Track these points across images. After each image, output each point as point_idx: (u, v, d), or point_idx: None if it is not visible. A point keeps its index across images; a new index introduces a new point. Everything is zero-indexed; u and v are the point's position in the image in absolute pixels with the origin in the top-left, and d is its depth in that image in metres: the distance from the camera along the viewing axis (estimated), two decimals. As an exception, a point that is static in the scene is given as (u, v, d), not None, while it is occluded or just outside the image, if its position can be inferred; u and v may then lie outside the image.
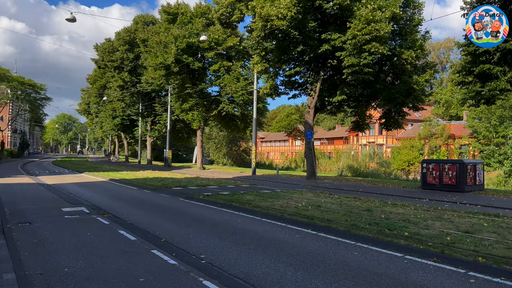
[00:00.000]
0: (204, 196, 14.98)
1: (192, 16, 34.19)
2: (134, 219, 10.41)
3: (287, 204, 12.70)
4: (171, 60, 31.36)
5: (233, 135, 47.22)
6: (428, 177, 17.99)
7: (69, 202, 13.49)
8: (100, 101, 58.34)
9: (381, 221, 9.60)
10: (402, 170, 53.40)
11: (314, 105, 23.69)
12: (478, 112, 49.16)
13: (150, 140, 50.07)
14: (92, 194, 16.37)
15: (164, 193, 16.95)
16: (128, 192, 17.52)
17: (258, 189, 18.32)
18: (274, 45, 22.15)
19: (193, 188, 18.68)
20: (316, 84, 22.92)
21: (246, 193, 16.26)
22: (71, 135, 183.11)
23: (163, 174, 29.27)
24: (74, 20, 21.92)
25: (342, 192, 17.48)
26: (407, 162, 55.46)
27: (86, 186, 20.29)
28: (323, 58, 22.36)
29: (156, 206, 13.12)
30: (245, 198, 14.19)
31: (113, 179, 24.26)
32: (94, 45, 50.33)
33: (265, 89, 25.15)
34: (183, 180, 22.66)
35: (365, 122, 26.42)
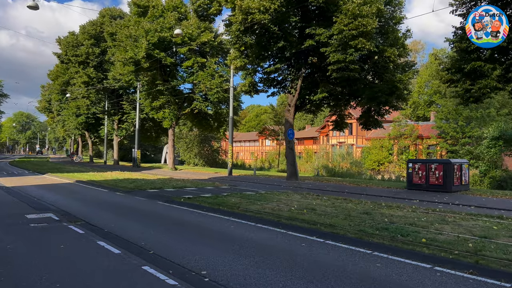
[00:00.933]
0: (185, 199, 13.82)
1: (163, 9, 32.62)
2: (112, 227, 9.16)
3: (278, 207, 11.78)
4: (142, 55, 29.73)
5: (205, 135, 45.89)
6: (414, 177, 17.60)
7: (33, 208, 11.98)
8: (62, 98, 55.27)
9: (387, 225, 8.87)
10: (373, 170, 53.93)
11: (295, 103, 22.93)
12: (445, 113, 50.27)
13: (117, 139, 47.83)
14: (59, 198, 14.81)
15: (139, 195, 15.62)
16: (99, 195, 16.05)
17: (240, 191, 17.31)
18: (254, 40, 21.21)
19: (170, 190, 17.42)
20: (297, 81, 22.18)
21: (230, 195, 15.21)
22: (30, 134, 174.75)
23: (133, 175, 27.65)
24: (36, 8, 20.06)
25: (328, 193, 16.78)
26: (377, 162, 56.07)
27: (51, 188, 18.56)
28: (304, 54, 21.64)
29: (134, 211, 11.85)
30: (231, 201, 13.16)
31: (80, 180, 22.52)
32: (56, 38, 47.58)
33: (243, 86, 24.17)
34: (157, 182, 21.30)
35: (344, 121, 25.97)
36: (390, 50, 19.40)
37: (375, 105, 20.94)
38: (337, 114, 26.03)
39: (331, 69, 18.24)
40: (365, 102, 21.14)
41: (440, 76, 18.50)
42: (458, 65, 14.55)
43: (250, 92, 24.46)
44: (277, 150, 78.90)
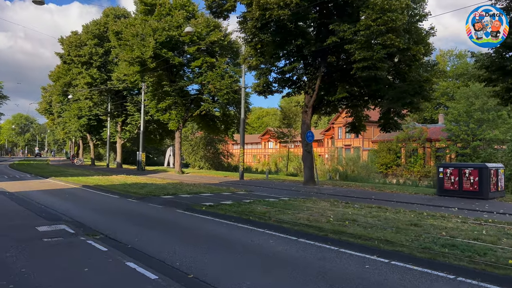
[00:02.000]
0: (207, 208, 12.70)
1: (171, 7, 31.58)
2: (135, 242, 8.05)
3: (313, 217, 10.67)
4: (150, 54, 28.63)
5: (210, 137, 44.78)
6: (445, 183, 16.51)
7: (42, 217, 10.85)
8: (64, 100, 54.12)
9: (450, 241, 7.77)
10: (380, 173, 52.75)
11: (312, 104, 21.85)
12: (455, 115, 49.18)
13: (120, 142, 46.64)
14: (68, 205, 13.67)
15: (154, 202, 14.50)
16: (111, 202, 14.91)
17: (260, 197, 16.20)
18: (271, 38, 20.14)
19: (185, 196, 16.31)
20: (315, 81, 21.10)
21: (253, 202, 14.10)
22: (29, 136, 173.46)
23: (140, 179, 26.52)
24: (42, 3, 18.99)
25: (355, 200, 15.69)
26: (385, 165, 54.92)
27: (57, 194, 17.41)
28: (323, 52, 20.57)
29: (154, 222, 10.72)
30: (257, 210, 12.04)
31: (87, 185, 21.37)
32: (59, 38, 46.44)
33: (257, 86, 23.06)
34: (168, 187, 20.19)
35: (361, 123, 24.88)
36: (415, 48, 18.33)
37: (399, 106, 19.86)
38: (354, 116, 24.95)
39: (356, 67, 17.15)
40: (388, 103, 20.07)
41: (478, 75, 17.46)
42: (499, 63, 13.54)
43: (264, 93, 23.37)
44: (280, 153, 77.84)
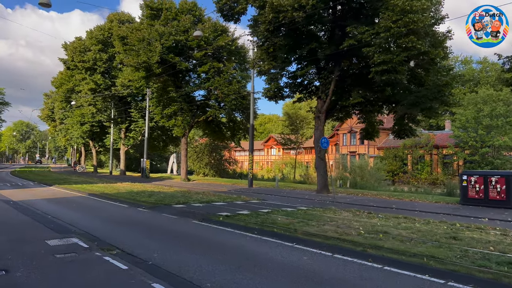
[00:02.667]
0: (224, 218, 11.97)
1: (177, 12, 31.07)
2: (156, 258, 7.33)
3: (341, 229, 9.94)
4: (156, 59, 28.04)
5: (215, 144, 44.11)
6: (469, 191, 15.78)
7: (51, 229, 10.13)
8: (66, 106, 53.52)
9: (502, 257, 7.05)
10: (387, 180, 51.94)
11: (326, 109, 21.19)
12: (463, 121, 48.46)
13: (123, 149, 45.94)
14: (77, 215, 12.95)
15: (167, 212, 13.77)
16: (121, 212, 14.18)
17: (276, 206, 15.48)
18: (284, 41, 19.54)
19: (197, 205, 15.59)
20: (329, 85, 20.45)
21: (271, 212, 13.37)
22: (29, 143, 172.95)
23: (147, 186, 25.80)
24: (49, 5, 18.39)
25: (377, 210, 14.98)
26: (391, 173, 54.15)
27: (63, 203, 16.69)
28: (338, 56, 19.95)
29: (171, 234, 9.99)
30: (278, 221, 11.32)
31: (93, 193, 20.66)
32: (62, 43, 45.91)
33: (267, 91, 22.43)
34: (177, 195, 19.46)
35: (375, 129, 24.22)
36: (434, 51, 17.71)
37: (418, 112, 19.18)
38: (366, 122, 24.30)
39: (375, 70, 16.50)
40: (405, 108, 19.40)
41: (505, 78, 16.82)
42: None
43: (275, 98, 22.73)
44: (283, 159, 77.07)
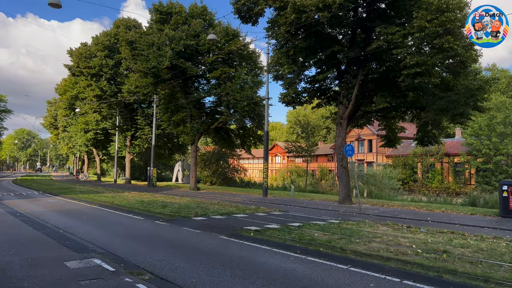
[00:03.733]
0: (255, 233, 10.88)
1: (187, 16, 30.20)
2: (194, 284, 6.25)
3: (393, 248, 8.87)
4: (166, 64, 27.08)
5: (222, 151, 43.03)
6: (511, 202, 14.68)
7: (67, 247, 9.05)
8: (70, 114, 52.55)
9: None
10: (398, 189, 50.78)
11: (348, 115, 20.16)
12: (476, 129, 47.40)
13: (129, 157, 44.84)
14: (91, 230, 11.84)
15: (188, 226, 12.67)
16: (138, 226, 13.06)
17: (303, 219, 14.39)
18: (305, 43, 18.58)
19: (218, 217, 14.51)
20: (352, 90, 19.43)
21: (302, 226, 12.28)
22: (30, 151, 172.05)
23: (156, 196, 24.70)
24: (59, 6, 17.47)
25: (412, 222, 13.90)
26: (401, 181, 53.00)
27: (74, 215, 15.57)
28: (361, 59, 18.97)
29: (202, 253, 8.86)
30: (317, 237, 10.25)
31: (103, 204, 19.57)
32: (68, 49, 45.03)
33: (285, 96, 21.43)
34: (192, 206, 18.37)
35: (396, 136, 23.18)
36: (465, 53, 16.71)
37: (449, 117, 18.11)
38: (387, 128, 23.28)
39: (407, 73, 15.46)
40: (434, 114, 18.33)
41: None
42: None
43: (293, 103, 21.75)
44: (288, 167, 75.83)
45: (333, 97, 22.66)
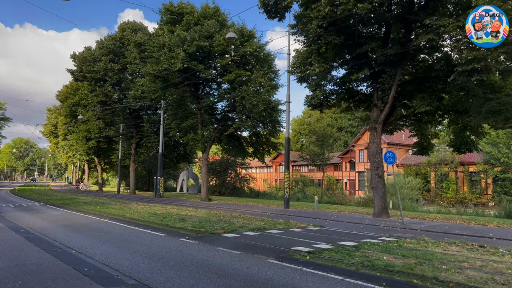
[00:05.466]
0: (311, 257, 8.98)
1: (199, 17, 28.56)
2: None
3: (497, 277, 7.02)
4: (179, 66, 25.32)
5: (231, 160, 41.17)
6: None
7: (89, 277, 7.14)
8: (71, 121, 50.68)
9: None
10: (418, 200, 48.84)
11: (384, 119, 18.38)
12: (493, 136, 45.68)
13: (133, 166, 42.86)
14: (110, 250, 9.89)
15: (220, 245, 10.75)
16: (162, 244, 11.09)
17: (351, 237, 12.51)
18: (338, 40, 16.86)
19: (250, 234, 12.63)
20: (389, 91, 17.67)
21: (360, 246, 10.38)
22: (28, 161, 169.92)
23: (168, 208, 22.75)
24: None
25: (471, 240, 12.01)
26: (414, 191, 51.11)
27: (84, 231, 13.61)
28: (400, 57, 17.25)
29: (256, 284, 6.95)
30: (390, 262, 8.37)
31: (113, 217, 17.63)
32: (71, 54, 43.26)
33: (312, 99, 19.68)
34: (213, 220, 16.44)
35: (430, 143, 21.41)
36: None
37: (501, 121, 16.30)
38: (420, 134, 21.52)
39: (462, 70, 13.70)
40: (482, 118, 16.53)
41: None
42: None
43: (320, 106, 19.97)
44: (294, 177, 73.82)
45: (362, 100, 20.91)
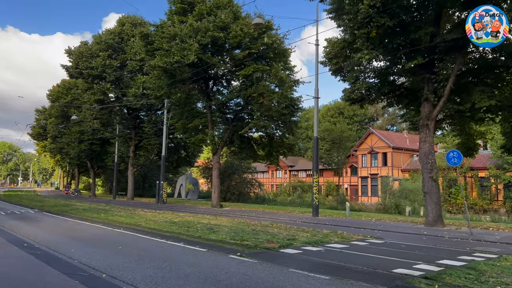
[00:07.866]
0: (428, 285, 6.62)
1: (212, 7, 26.19)
2: None
3: None
4: (193, 59, 22.86)
5: (238, 164, 38.74)
6: None
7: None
8: (63, 122, 47.58)
9: None
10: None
11: (437, 115, 16.23)
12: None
13: (132, 170, 39.96)
14: (149, 274, 7.31)
15: (293, 266, 8.27)
16: (214, 263, 8.51)
17: (438, 252, 10.22)
18: (391, 23, 14.68)
19: (313, 249, 10.23)
20: (445, 83, 15.52)
21: (483, 267, 8.08)
22: (12, 166, 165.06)
23: (181, 215, 20.24)
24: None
25: None
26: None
27: (102, 245, 10.99)
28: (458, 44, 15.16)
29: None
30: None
31: (128, 227, 15.04)
32: (66, 48, 40.38)
33: (351, 92, 17.45)
34: (247, 230, 13.97)
35: (476, 143, 19.35)
36: None
37: None
38: (463, 134, 19.47)
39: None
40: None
41: None
42: None
43: (361, 101, 17.76)
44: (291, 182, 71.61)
45: (403, 94, 18.75)
